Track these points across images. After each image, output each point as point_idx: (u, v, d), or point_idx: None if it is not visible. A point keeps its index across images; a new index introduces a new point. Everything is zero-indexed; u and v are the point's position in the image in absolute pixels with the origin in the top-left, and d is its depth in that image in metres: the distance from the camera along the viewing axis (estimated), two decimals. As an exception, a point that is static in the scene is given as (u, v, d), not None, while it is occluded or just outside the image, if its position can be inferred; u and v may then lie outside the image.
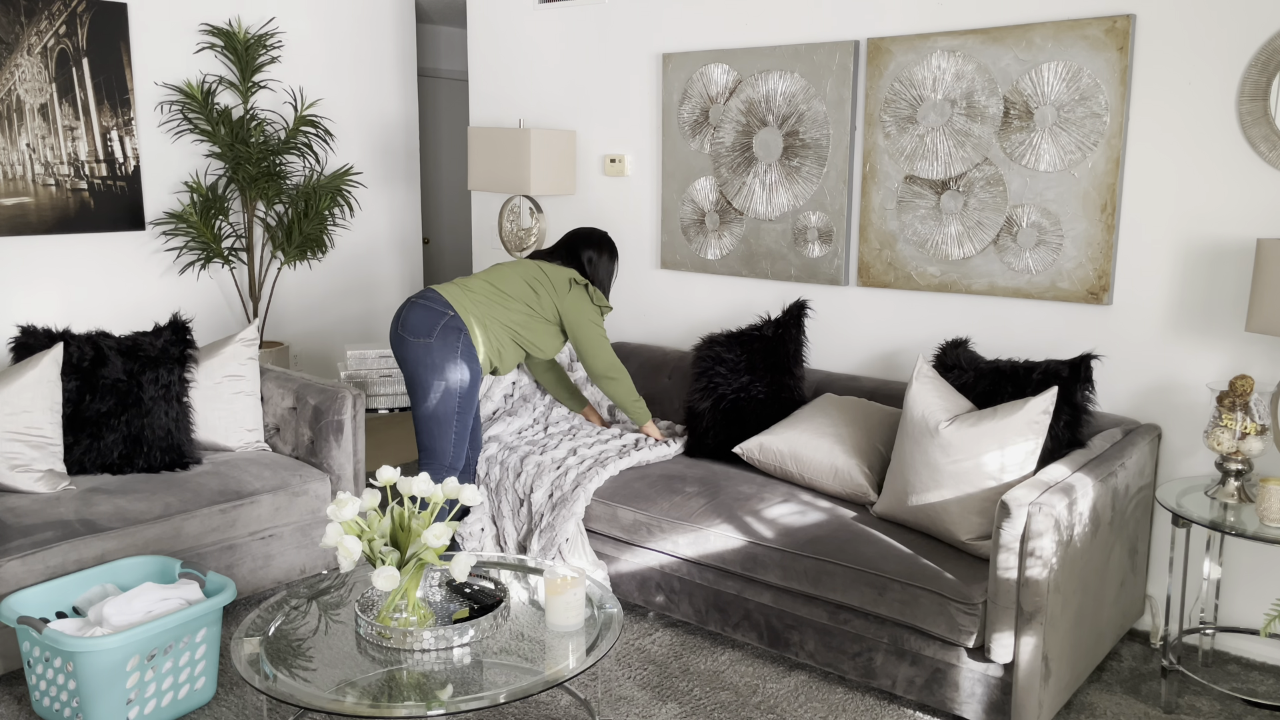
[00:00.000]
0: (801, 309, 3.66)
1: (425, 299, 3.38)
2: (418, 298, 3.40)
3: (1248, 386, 2.79)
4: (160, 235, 4.70)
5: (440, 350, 3.31)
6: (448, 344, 3.31)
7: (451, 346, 3.31)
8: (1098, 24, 3.15)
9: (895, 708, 2.85)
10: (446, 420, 3.34)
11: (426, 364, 3.31)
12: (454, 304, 3.37)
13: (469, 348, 3.35)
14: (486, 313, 3.41)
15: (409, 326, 3.34)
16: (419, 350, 3.31)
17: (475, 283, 3.48)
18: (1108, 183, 3.20)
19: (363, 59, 5.46)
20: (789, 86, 3.83)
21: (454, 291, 3.41)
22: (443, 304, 3.36)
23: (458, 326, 3.33)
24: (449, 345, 3.31)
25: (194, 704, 2.79)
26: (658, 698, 2.90)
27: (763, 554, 2.99)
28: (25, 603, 2.71)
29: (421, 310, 3.36)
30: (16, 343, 3.44)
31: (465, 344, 3.34)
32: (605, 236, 3.74)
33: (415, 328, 3.34)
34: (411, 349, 3.33)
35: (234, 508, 3.31)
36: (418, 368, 3.32)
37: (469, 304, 3.39)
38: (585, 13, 4.46)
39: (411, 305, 3.39)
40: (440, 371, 3.31)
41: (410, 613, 2.39)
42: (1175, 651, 2.89)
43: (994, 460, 2.81)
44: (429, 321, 3.33)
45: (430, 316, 3.34)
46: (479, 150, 4.48)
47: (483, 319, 3.40)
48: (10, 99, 4.15)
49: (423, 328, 3.32)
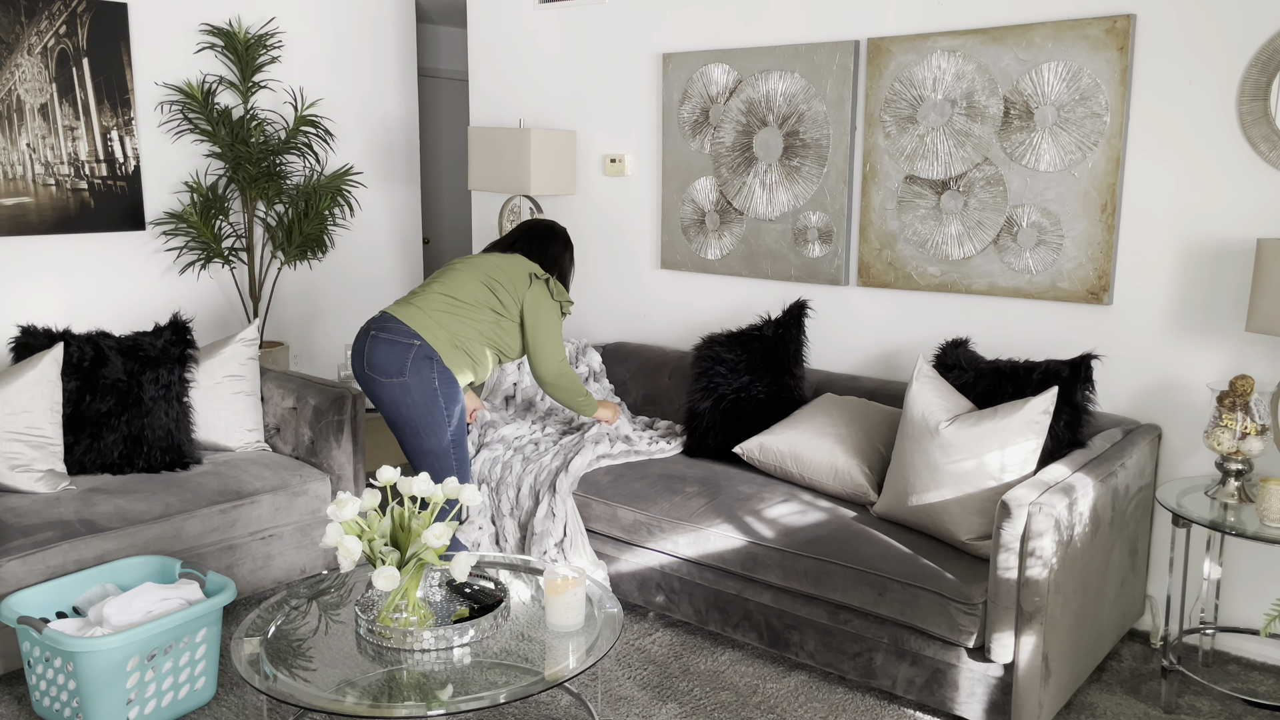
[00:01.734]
0: (802, 309, 3.66)
1: (386, 330, 3.09)
2: (378, 330, 3.10)
3: (1248, 386, 2.79)
4: (160, 235, 4.70)
5: (418, 387, 3.04)
6: (423, 379, 3.05)
7: (428, 379, 3.05)
8: (1098, 24, 3.15)
9: (895, 708, 2.85)
10: (444, 454, 3.12)
11: (407, 404, 3.05)
12: (418, 330, 3.08)
13: (445, 373, 3.08)
14: (453, 329, 3.13)
15: (376, 366, 3.07)
16: (395, 391, 3.05)
17: (430, 297, 3.17)
18: (1108, 182, 3.20)
19: (363, 59, 5.46)
20: (789, 86, 3.83)
21: (413, 314, 3.12)
22: (406, 333, 3.07)
23: (428, 354, 3.06)
24: (425, 380, 3.05)
25: (194, 704, 2.79)
26: (658, 698, 2.90)
27: (763, 554, 2.99)
28: (25, 603, 2.71)
29: (386, 346, 3.06)
30: (16, 343, 3.44)
31: (441, 370, 3.08)
32: (564, 230, 3.52)
33: (384, 367, 3.06)
34: (386, 390, 3.06)
35: (234, 508, 3.31)
36: (399, 409, 3.07)
37: (431, 324, 3.11)
38: (585, 13, 4.46)
39: (374, 341, 3.09)
40: (424, 409, 3.06)
41: (410, 613, 2.39)
42: (1175, 651, 2.89)
43: (994, 460, 2.81)
44: (397, 358, 3.05)
45: (397, 352, 3.05)
46: (479, 150, 4.48)
47: (451, 338, 3.12)
48: (10, 99, 4.15)
49: (393, 366, 3.04)
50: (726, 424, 3.59)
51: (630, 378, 4.18)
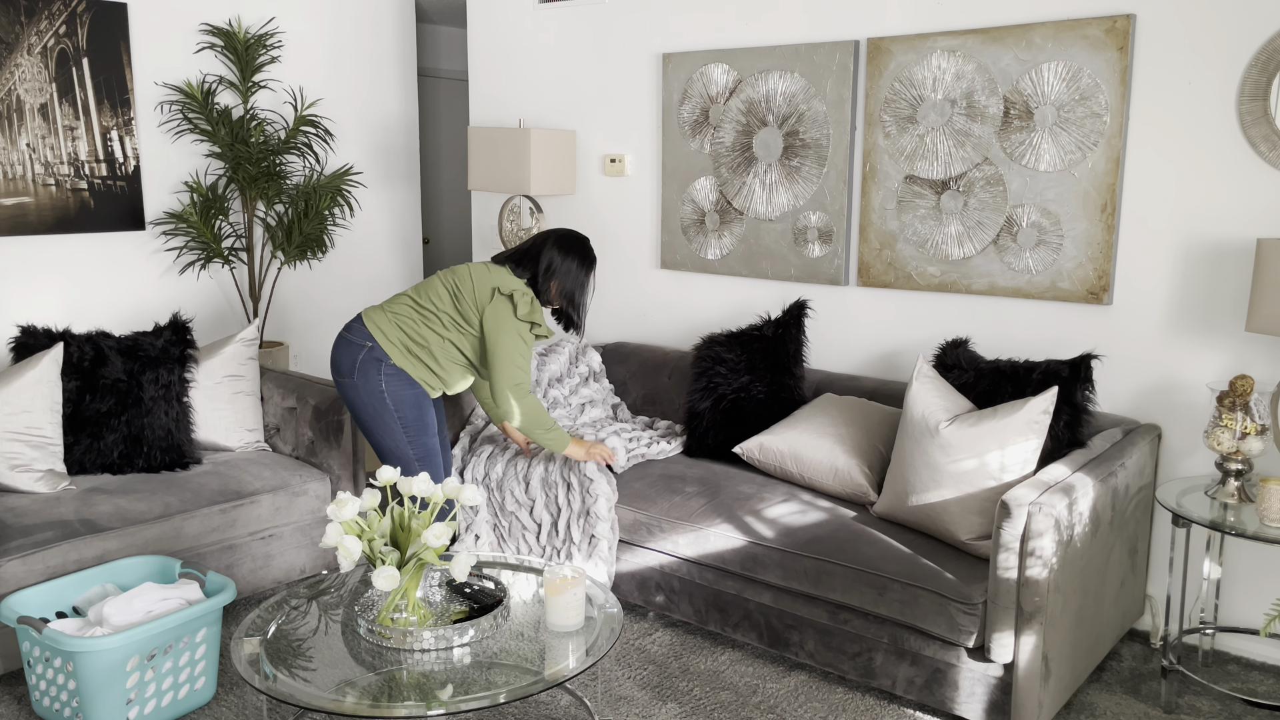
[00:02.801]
0: (801, 309, 3.66)
1: (349, 331, 3.15)
2: (345, 331, 3.17)
3: (1248, 386, 2.79)
4: (160, 235, 4.70)
5: (364, 388, 3.09)
6: (369, 380, 3.08)
7: (374, 381, 3.08)
8: (1098, 24, 3.15)
9: (895, 708, 2.85)
10: (400, 451, 3.13)
11: (358, 404, 3.11)
12: (374, 332, 3.11)
13: (396, 374, 3.10)
14: (412, 333, 3.12)
15: (335, 365, 3.15)
16: (348, 391, 3.12)
17: (398, 302, 3.19)
18: (1108, 182, 3.20)
19: (363, 59, 5.46)
20: (789, 86, 3.83)
21: (376, 316, 3.15)
22: (363, 334, 3.11)
23: (378, 357, 3.09)
24: (370, 381, 3.08)
25: (194, 704, 2.79)
26: (658, 698, 2.90)
27: (763, 554, 2.99)
28: (25, 603, 2.71)
29: (344, 345, 3.13)
30: (16, 343, 3.44)
31: (390, 372, 3.09)
32: (577, 239, 3.29)
33: (339, 365, 3.13)
34: (343, 390, 3.14)
35: (234, 508, 3.31)
36: (353, 408, 3.14)
37: (389, 327, 3.12)
38: (585, 13, 4.46)
39: (338, 340, 3.17)
40: (371, 410, 3.09)
41: (410, 613, 2.39)
42: (1175, 651, 2.89)
43: (994, 460, 2.81)
44: (350, 357, 3.11)
45: (350, 352, 3.11)
46: (479, 150, 4.48)
47: (407, 342, 3.12)
48: (10, 99, 4.15)
49: (345, 365, 3.11)
50: (726, 424, 3.59)
51: (630, 378, 4.17)
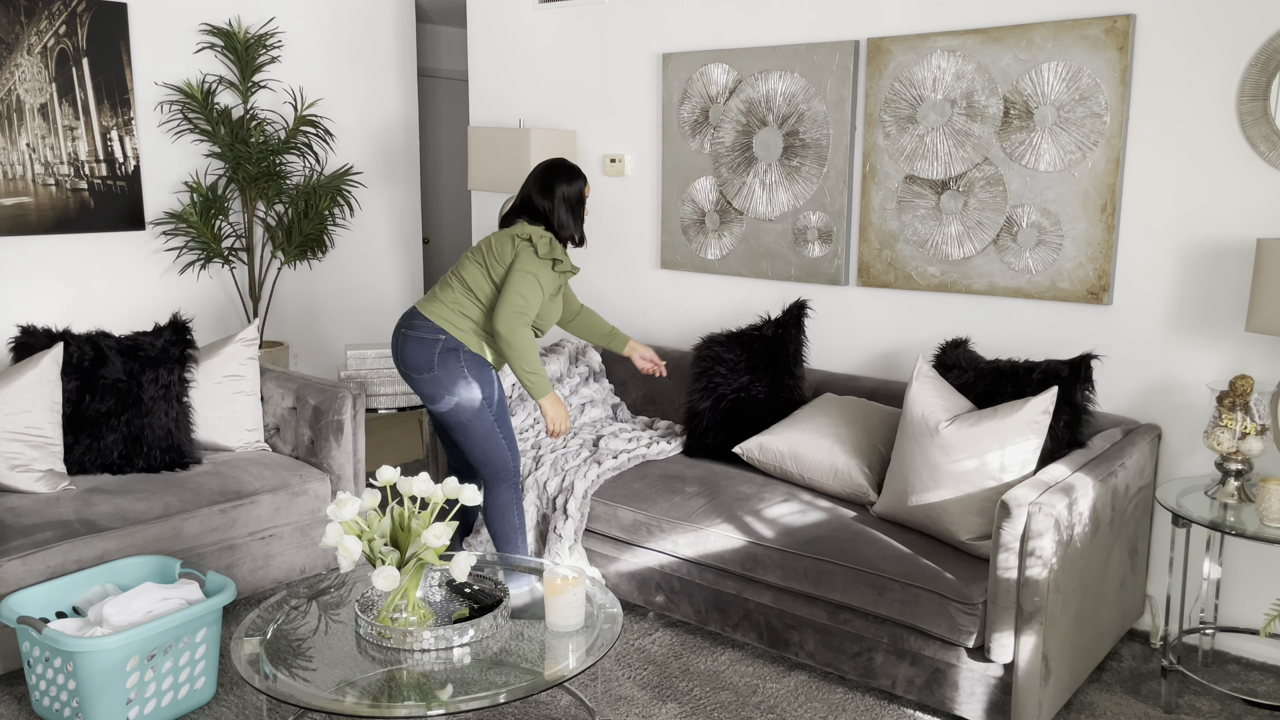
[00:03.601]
0: (801, 309, 3.66)
1: (414, 329, 3.18)
2: (406, 328, 3.20)
3: (1248, 386, 2.79)
4: (160, 235, 4.70)
5: (449, 379, 3.13)
6: (451, 370, 3.13)
7: (457, 369, 3.14)
8: (1098, 24, 3.15)
9: (895, 708, 2.85)
10: (489, 434, 3.19)
11: (443, 395, 3.15)
12: (443, 325, 3.16)
13: (474, 358, 3.17)
14: (473, 316, 3.18)
15: (409, 363, 3.18)
16: (430, 385, 3.15)
17: (451, 287, 3.23)
18: (1108, 182, 3.20)
19: (363, 59, 5.46)
20: (789, 86, 3.83)
21: (436, 308, 3.19)
22: (431, 329, 3.16)
23: (453, 346, 3.14)
24: (454, 370, 3.14)
25: (194, 704, 2.79)
26: (658, 698, 2.90)
27: (763, 554, 2.99)
28: (25, 603, 2.71)
29: (414, 343, 3.16)
30: (16, 343, 3.44)
31: (469, 357, 3.16)
32: (552, 170, 3.29)
33: (415, 363, 3.16)
34: (422, 385, 3.17)
35: (234, 508, 3.31)
36: (437, 399, 3.16)
37: (454, 317, 3.18)
38: (585, 13, 4.46)
39: (404, 339, 3.19)
40: (461, 397, 3.14)
41: (410, 613, 2.39)
42: (1175, 651, 2.89)
43: (994, 460, 2.81)
44: (425, 354, 3.15)
45: (424, 348, 3.15)
46: (479, 150, 4.48)
47: (474, 327, 3.18)
48: (10, 99, 4.15)
49: (422, 362, 3.15)
50: (726, 424, 3.59)
51: (630, 378, 4.18)
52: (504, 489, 3.24)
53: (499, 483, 3.24)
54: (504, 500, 3.25)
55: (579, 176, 3.31)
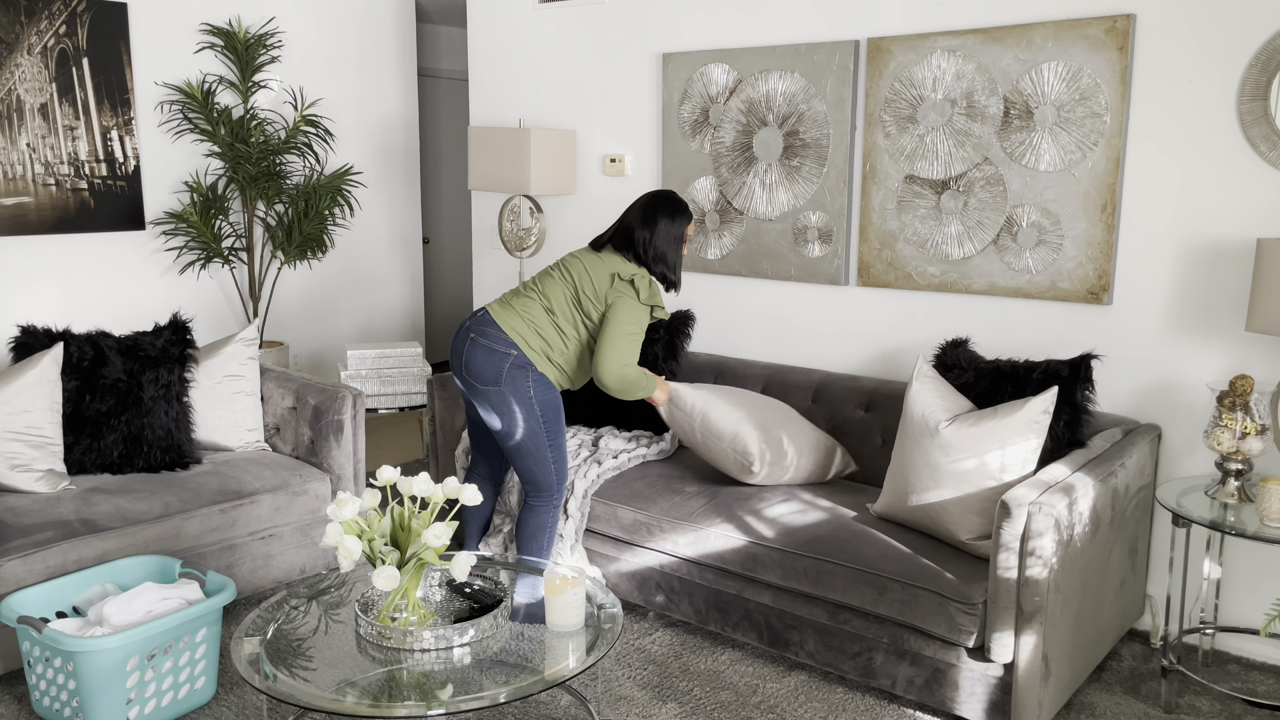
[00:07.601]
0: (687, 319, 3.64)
1: (486, 337, 3.06)
2: (478, 334, 3.08)
3: (1248, 386, 2.79)
4: (160, 235, 4.70)
5: (513, 395, 3.05)
6: (518, 387, 3.04)
7: (524, 388, 3.05)
8: (1098, 24, 3.15)
9: (895, 708, 2.85)
10: (538, 452, 3.11)
11: (502, 409, 3.06)
12: (517, 340, 3.06)
13: (540, 379, 3.08)
14: (550, 340, 3.10)
15: (474, 372, 3.06)
16: (491, 397, 3.05)
17: (530, 303, 3.12)
18: (1108, 182, 3.20)
19: (363, 59, 5.46)
20: (789, 86, 3.83)
21: (511, 319, 3.09)
22: (505, 342, 3.05)
23: (523, 364, 3.05)
24: (520, 388, 3.04)
25: (194, 704, 2.79)
26: (658, 698, 2.90)
27: (763, 554, 2.99)
28: (25, 603, 2.71)
29: (484, 353, 3.05)
30: (16, 342, 3.44)
31: (536, 378, 3.07)
32: (657, 202, 3.17)
33: (480, 373, 3.05)
34: (482, 396, 3.07)
35: (234, 508, 3.31)
36: (494, 412, 3.07)
37: (529, 335, 3.08)
38: (585, 13, 4.46)
39: (473, 345, 3.07)
40: (520, 416, 3.06)
41: (410, 613, 2.39)
42: (1175, 651, 2.89)
43: (994, 460, 2.81)
44: (494, 366, 3.04)
45: (494, 360, 3.04)
46: (479, 150, 4.48)
47: (546, 349, 3.09)
48: (10, 99, 4.15)
49: (489, 374, 3.04)
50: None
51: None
52: (542, 509, 3.17)
53: (539, 501, 3.17)
54: (538, 522, 3.18)
55: (684, 212, 3.19)
